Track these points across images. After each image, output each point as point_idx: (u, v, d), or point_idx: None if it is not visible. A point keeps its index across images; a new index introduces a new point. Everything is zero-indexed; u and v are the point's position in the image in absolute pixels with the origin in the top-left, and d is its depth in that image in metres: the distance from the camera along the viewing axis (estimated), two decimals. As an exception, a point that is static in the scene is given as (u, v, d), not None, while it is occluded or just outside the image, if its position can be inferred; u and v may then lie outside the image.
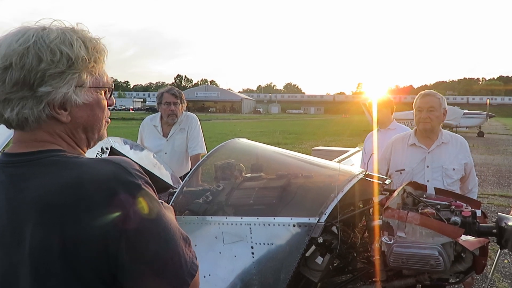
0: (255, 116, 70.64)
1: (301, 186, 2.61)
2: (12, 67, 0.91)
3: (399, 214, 2.11)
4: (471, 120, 28.63)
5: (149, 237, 0.90)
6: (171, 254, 0.93)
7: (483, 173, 12.26)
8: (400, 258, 2.06)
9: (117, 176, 0.91)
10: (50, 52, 0.93)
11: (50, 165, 0.94)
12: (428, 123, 3.07)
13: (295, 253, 2.18)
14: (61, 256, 0.87)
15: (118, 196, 0.88)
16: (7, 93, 0.92)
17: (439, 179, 3.01)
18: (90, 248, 0.87)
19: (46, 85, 0.93)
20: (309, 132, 28.77)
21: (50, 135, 0.99)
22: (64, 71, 0.94)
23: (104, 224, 0.87)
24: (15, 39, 0.93)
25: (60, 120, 0.98)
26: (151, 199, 0.93)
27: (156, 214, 0.93)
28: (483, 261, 2.04)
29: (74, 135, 1.03)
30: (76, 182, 0.89)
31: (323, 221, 2.17)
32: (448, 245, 2.02)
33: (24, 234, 0.89)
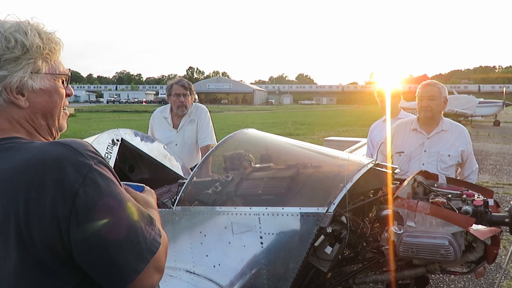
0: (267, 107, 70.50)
1: (310, 176, 2.60)
2: None
3: (408, 203, 2.09)
4: (486, 109, 28.13)
5: (101, 215, 0.91)
6: (126, 232, 0.94)
7: (498, 163, 12.07)
8: (410, 247, 2.05)
9: (66, 156, 0.92)
10: (4, 39, 0.98)
11: (5, 151, 0.96)
12: (429, 111, 3.24)
13: (304, 243, 2.17)
14: (17, 238, 0.89)
15: (67, 176, 0.89)
16: None
17: (433, 164, 3.18)
18: (43, 229, 0.89)
19: (2, 69, 0.97)
20: (321, 123, 28.63)
21: (9, 122, 1.02)
22: (19, 57, 0.99)
23: (54, 204, 0.88)
24: None
25: (18, 105, 1.01)
26: (103, 179, 0.94)
27: (109, 193, 0.94)
28: (495, 251, 2.01)
29: (34, 121, 1.06)
30: (26, 164, 0.91)
31: (332, 211, 2.16)
32: (458, 235, 1.99)
33: None
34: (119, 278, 0.94)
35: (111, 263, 0.93)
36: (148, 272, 0.97)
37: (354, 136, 13.32)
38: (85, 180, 0.91)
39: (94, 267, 0.93)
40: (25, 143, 0.99)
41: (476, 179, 3.30)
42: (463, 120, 28.29)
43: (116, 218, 0.93)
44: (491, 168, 11.18)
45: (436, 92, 3.23)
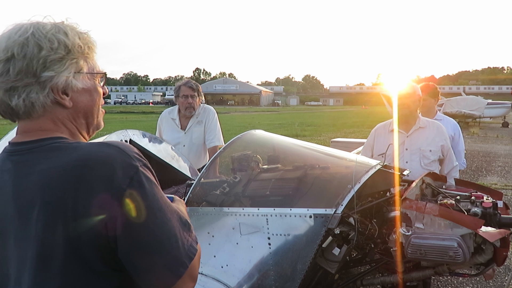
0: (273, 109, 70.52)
1: (318, 177, 2.60)
2: (14, 57, 0.97)
3: (417, 205, 2.09)
4: (495, 110, 27.89)
5: (145, 217, 0.93)
6: (167, 235, 0.95)
7: (507, 164, 11.96)
8: (418, 249, 2.04)
9: (114, 157, 0.95)
10: (48, 40, 0.99)
11: (52, 150, 0.99)
12: (406, 109, 3.30)
13: (311, 244, 2.18)
14: (64, 237, 0.91)
15: (116, 176, 0.92)
16: (13, 81, 0.98)
17: (416, 160, 3.23)
18: (90, 228, 0.91)
19: (49, 70, 0.99)
20: (328, 124, 28.58)
21: (53, 122, 1.04)
22: (63, 57, 1.01)
23: (102, 204, 0.91)
24: (14, 32, 0.99)
25: (63, 105, 1.03)
26: (148, 181, 0.96)
27: (153, 196, 0.96)
28: (504, 253, 2.00)
29: (76, 121, 1.08)
30: (76, 164, 0.93)
31: (340, 212, 2.16)
32: (467, 237, 1.99)
33: (31, 217, 0.94)
34: (160, 281, 0.96)
35: (152, 265, 0.94)
36: (184, 279, 0.98)
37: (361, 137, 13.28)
38: (132, 181, 0.94)
39: (136, 268, 0.95)
40: (72, 143, 1.01)
41: (457, 175, 3.33)
42: (471, 122, 28.12)
43: (160, 221, 0.95)
44: (499, 170, 11.08)
45: (410, 89, 3.31)
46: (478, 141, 18.37)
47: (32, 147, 1.00)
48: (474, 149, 15.36)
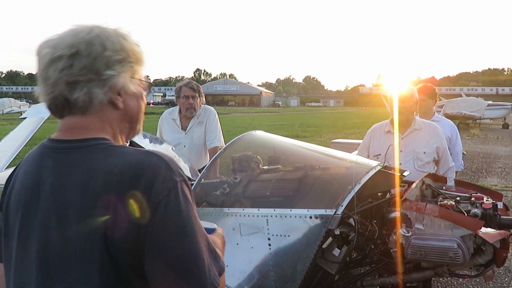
0: (274, 109, 70.52)
1: (318, 178, 2.60)
2: (79, 54, 1.01)
3: (417, 206, 2.09)
4: (495, 112, 27.90)
5: (176, 233, 0.94)
6: (195, 256, 0.94)
7: (507, 166, 11.96)
8: (418, 250, 2.05)
9: (158, 168, 0.97)
10: (111, 42, 1.05)
11: (97, 152, 1.01)
12: (403, 113, 3.31)
13: (312, 245, 2.18)
14: (101, 241, 0.93)
15: (155, 186, 0.94)
16: (75, 76, 1.01)
17: (410, 162, 3.24)
18: (126, 235, 0.93)
19: (110, 69, 1.03)
20: (328, 125, 28.58)
21: (101, 122, 1.06)
22: (123, 59, 1.06)
23: (139, 212, 0.93)
24: (80, 31, 1.04)
25: (116, 105, 1.06)
26: (184, 198, 0.97)
27: (187, 213, 0.96)
28: (504, 254, 2.01)
29: (121, 124, 1.11)
30: (122, 169, 0.96)
31: (340, 213, 2.17)
32: (467, 238, 1.99)
33: (69, 217, 0.96)
34: None
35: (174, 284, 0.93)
36: None
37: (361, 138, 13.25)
38: (169, 194, 0.95)
39: (159, 282, 0.95)
40: (117, 146, 1.04)
41: (454, 176, 3.32)
42: (472, 123, 28.13)
43: (188, 240, 0.94)
44: (500, 171, 11.08)
45: (408, 93, 3.33)
46: (478, 142, 18.37)
47: (77, 146, 1.02)
48: (474, 150, 15.36)
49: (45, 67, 1.03)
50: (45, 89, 1.04)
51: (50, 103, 1.06)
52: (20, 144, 4.53)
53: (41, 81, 1.05)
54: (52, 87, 1.02)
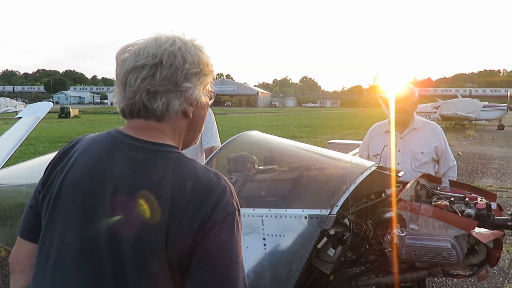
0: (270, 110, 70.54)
1: (313, 178, 2.61)
2: (162, 64, 1.06)
3: (411, 206, 2.10)
4: (491, 113, 28.02)
5: (222, 252, 1.00)
6: (233, 280, 1.00)
7: (502, 167, 12.01)
8: (412, 250, 2.06)
9: (224, 192, 1.04)
10: (191, 55, 1.09)
11: (172, 160, 1.07)
12: (403, 113, 3.30)
13: (306, 244, 2.19)
14: (163, 243, 0.99)
15: (218, 208, 1.01)
16: (157, 86, 1.06)
17: (408, 162, 3.23)
18: (181, 243, 0.99)
19: (188, 82, 1.08)
20: (324, 126, 28.62)
21: (172, 129, 1.12)
22: (199, 72, 1.11)
23: (198, 226, 0.99)
24: (163, 41, 1.09)
25: (187, 115, 1.12)
26: (237, 226, 1.04)
27: (235, 241, 1.03)
28: (497, 254, 2.02)
29: (187, 131, 1.16)
30: (192, 184, 1.02)
31: (334, 213, 2.17)
32: (461, 238, 2.00)
33: (137, 214, 1.00)
34: None
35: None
36: None
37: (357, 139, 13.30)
38: (227, 218, 1.02)
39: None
40: (190, 160, 1.10)
41: (455, 176, 3.31)
42: (468, 124, 28.24)
43: (232, 267, 1.01)
44: (495, 172, 11.13)
45: (409, 93, 3.31)
46: (474, 143, 18.43)
47: (153, 149, 1.08)
48: (470, 151, 15.42)
49: (127, 73, 1.07)
50: (125, 94, 1.09)
51: (127, 107, 1.10)
52: (16, 143, 4.51)
53: (121, 86, 1.10)
54: (132, 93, 1.07)
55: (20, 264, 1.20)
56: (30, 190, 4.03)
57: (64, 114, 38.37)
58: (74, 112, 40.48)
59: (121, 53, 1.11)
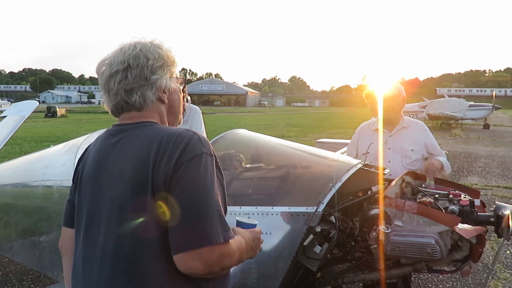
0: (260, 109, 70.56)
1: (300, 176, 2.62)
2: (130, 66, 1.32)
3: (396, 203, 2.12)
4: (476, 112, 28.43)
5: (190, 186, 1.20)
6: (204, 211, 1.19)
7: (487, 165, 12.20)
8: (397, 246, 2.07)
9: (190, 139, 1.25)
10: (151, 53, 1.34)
11: (150, 128, 1.32)
12: (391, 111, 3.31)
13: (293, 242, 2.19)
14: (150, 185, 1.22)
15: (186, 151, 1.22)
16: (131, 84, 1.32)
17: (398, 160, 3.25)
18: (164, 180, 1.21)
19: (155, 74, 1.34)
20: (313, 125, 28.74)
21: (158, 115, 1.38)
22: (162, 65, 1.35)
23: (172, 167, 1.21)
24: (126, 49, 1.35)
25: (163, 100, 1.38)
26: (205, 166, 1.23)
27: (202, 178, 1.21)
28: (480, 250, 2.05)
29: (169, 115, 1.42)
30: (166, 137, 1.25)
31: (321, 210, 2.18)
32: (445, 234, 2.02)
33: (126, 172, 1.26)
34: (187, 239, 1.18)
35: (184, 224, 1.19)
36: (202, 252, 1.17)
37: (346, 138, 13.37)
38: (193, 158, 1.22)
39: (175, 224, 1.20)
40: (164, 126, 1.37)
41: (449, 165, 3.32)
42: (454, 123, 28.60)
43: (198, 194, 1.20)
44: (480, 171, 11.30)
45: (396, 92, 3.33)
46: (460, 142, 18.68)
47: (134, 126, 1.33)
48: (456, 150, 15.62)
49: (106, 81, 1.34)
50: (109, 97, 1.36)
51: (113, 108, 1.37)
52: (0, 142, 4.44)
53: (105, 92, 1.37)
54: (114, 95, 1.34)
55: (65, 247, 1.48)
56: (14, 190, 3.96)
57: (50, 113, 37.90)
58: (61, 111, 39.99)
59: (99, 67, 1.38)
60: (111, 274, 1.25)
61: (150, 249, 1.23)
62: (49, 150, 3.85)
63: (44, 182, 3.30)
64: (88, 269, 1.30)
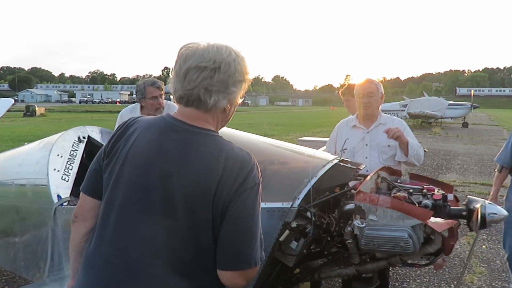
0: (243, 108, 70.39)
1: (276, 172, 2.61)
2: (219, 69, 1.37)
3: (370, 197, 2.13)
4: (456, 111, 29.00)
5: (249, 211, 1.35)
6: (255, 234, 1.37)
7: (466, 162, 12.45)
8: (371, 240, 2.09)
9: (253, 167, 1.41)
10: (240, 66, 1.41)
11: (214, 139, 1.42)
12: (368, 108, 3.37)
13: (269, 238, 2.18)
14: (211, 199, 1.33)
15: (248, 177, 1.36)
16: (213, 86, 1.37)
17: (375, 156, 3.30)
18: (224, 200, 1.33)
19: (234, 87, 1.41)
20: (296, 124, 28.86)
21: (213, 119, 1.46)
22: (241, 80, 1.44)
23: (234, 190, 1.33)
24: (222, 51, 1.39)
25: (226, 110, 1.47)
26: (259, 196, 1.41)
27: (258, 205, 1.39)
28: (452, 243, 2.07)
29: (221, 123, 1.52)
30: (233, 159, 1.37)
31: (296, 205, 2.18)
32: (418, 227, 2.04)
33: (189, 177, 1.34)
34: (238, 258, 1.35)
35: (237, 244, 1.35)
36: (247, 273, 1.36)
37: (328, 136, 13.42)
38: (254, 187, 1.38)
39: (226, 243, 1.36)
40: (228, 141, 1.45)
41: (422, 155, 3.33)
42: (434, 122, 29.10)
43: (254, 221, 1.37)
44: (458, 168, 11.52)
45: (374, 89, 3.35)
46: (439, 141, 19.02)
47: (200, 132, 1.41)
48: (435, 148, 15.90)
49: (189, 69, 1.37)
50: (184, 84, 1.38)
51: (184, 95, 1.40)
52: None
53: (181, 77, 1.39)
54: (192, 87, 1.37)
55: (83, 214, 1.52)
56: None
57: (29, 112, 37.12)
58: (40, 110, 39.22)
59: (184, 50, 1.41)
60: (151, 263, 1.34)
61: (199, 254, 1.36)
62: (23, 148, 3.76)
63: (17, 181, 3.22)
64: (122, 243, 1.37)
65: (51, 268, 2.94)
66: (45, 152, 3.11)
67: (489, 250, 5.24)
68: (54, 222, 2.83)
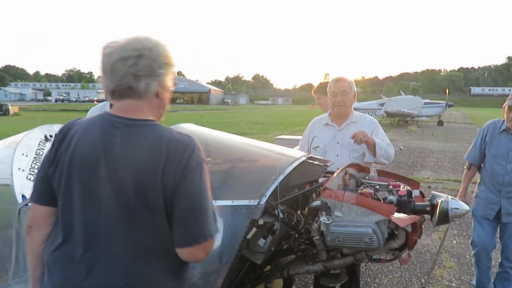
0: (223, 107, 70.26)
1: (245, 170, 2.61)
2: (143, 56, 1.44)
3: (336, 194, 2.14)
4: (431, 110, 29.57)
5: (197, 190, 1.44)
6: (206, 208, 1.44)
7: (440, 160, 12.71)
8: (336, 237, 2.11)
9: (195, 148, 1.46)
10: (162, 50, 1.48)
11: (154, 129, 1.47)
12: (342, 106, 3.37)
13: (236, 236, 2.18)
14: (160, 189, 1.41)
15: (192, 159, 1.43)
16: (139, 71, 1.43)
17: (346, 154, 3.31)
18: (172, 183, 1.40)
19: (161, 69, 1.48)
20: (275, 122, 28.93)
21: (148, 107, 1.50)
22: (167, 63, 1.50)
23: (180, 172, 1.41)
24: (143, 39, 1.47)
25: (159, 95, 1.51)
26: (204, 173, 1.47)
27: (205, 182, 1.47)
28: (415, 238, 2.11)
29: (158, 110, 1.55)
30: (175, 143, 1.43)
31: (263, 203, 2.18)
32: (382, 223, 2.07)
33: (135, 171, 1.40)
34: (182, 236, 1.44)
35: (190, 221, 1.43)
36: (205, 246, 1.45)
37: (305, 135, 13.50)
38: (197, 166, 1.45)
39: (180, 221, 1.43)
40: (167, 128, 1.52)
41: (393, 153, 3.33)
42: (410, 120, 29.61)
43: (204, 197, 1.45)
44: (432, 165, 11.75)
45: (347, 87, 3.36)
46: (415, 138, 19.36)
47: (139, 124, 1.46)
48: (411, 145, 16.19)
49: (114, 62, 1.43)
50: (112, 78, 1.44)
51: (115, 88, 1.45)
52: None
53: (108, 73, 1.45)
54: (120, 77, 1.43)
55: (38, 223, 1.55)
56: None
57: (2, 111, 36.11)
58: (14, 109, 38.18)
59: (106, 49, 1.46)
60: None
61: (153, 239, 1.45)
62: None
63: (-20, 181, 3.12)
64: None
65: (16, 270, 2.86)
66: (9, 151, 3.02)
67: (459, 245, 5.36)
68: (18, 223, 2.75)
